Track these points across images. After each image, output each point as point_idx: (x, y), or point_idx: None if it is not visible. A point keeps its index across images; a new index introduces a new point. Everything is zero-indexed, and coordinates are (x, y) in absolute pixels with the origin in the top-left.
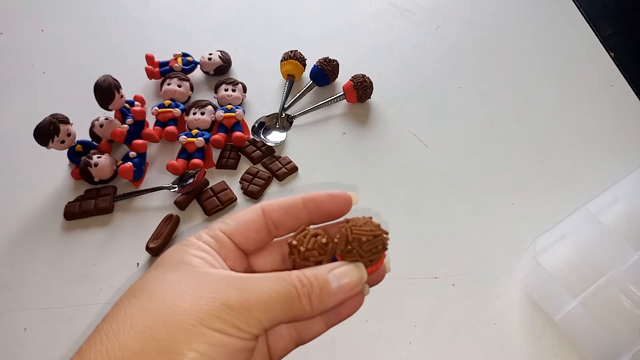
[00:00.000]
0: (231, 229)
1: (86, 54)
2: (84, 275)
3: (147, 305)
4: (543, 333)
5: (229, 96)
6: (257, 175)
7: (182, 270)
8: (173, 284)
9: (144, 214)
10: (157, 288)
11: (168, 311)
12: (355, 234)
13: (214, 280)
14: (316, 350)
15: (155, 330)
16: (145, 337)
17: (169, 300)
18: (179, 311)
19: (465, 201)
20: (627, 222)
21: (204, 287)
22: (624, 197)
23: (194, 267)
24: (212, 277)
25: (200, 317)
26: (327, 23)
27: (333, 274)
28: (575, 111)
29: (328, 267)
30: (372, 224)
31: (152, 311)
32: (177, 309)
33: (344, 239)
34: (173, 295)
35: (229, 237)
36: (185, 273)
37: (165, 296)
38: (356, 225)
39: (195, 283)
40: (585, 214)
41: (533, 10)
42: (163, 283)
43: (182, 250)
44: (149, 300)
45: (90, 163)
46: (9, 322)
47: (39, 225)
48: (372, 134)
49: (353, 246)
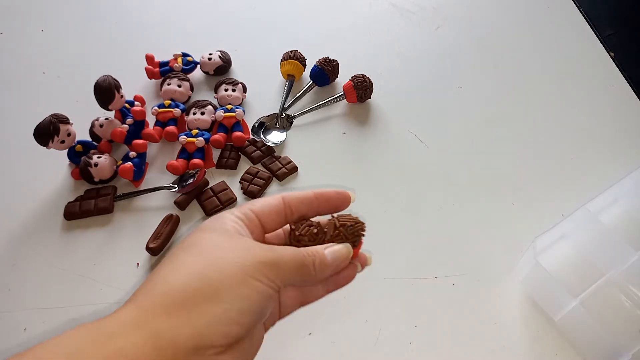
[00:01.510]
0: (258, 209)
1: (86, 54)
2: (84, 275)
3: (200, 256)
4: (543, 333)
5: (229, 96)
6: (257, 175)
7: (223, 233)
8: (218, 242)
9: (144, 214)
10: (206, 244)
11: (219, 261)
12: (342, 222)
13: (250, 243)
14: (316, 350)
15: (210, 275)
16: (202, 279)
17: (218, 254)
18: (228, 262)
19: (465, 201)
20: (627, 222)
21: (244, 247)
22: (624, 197)
23: (232, 233)
24: (247, 241)
25: (245, 268)
26: (327, 23)
27: (328, 250)
28: (575, 111)
29: (324, 246)
30: (353, 216)
31: (205, 260)
32: (225, 260)
33: (333, 226)
34: (221, 250)
35: (256, 216)
36: (226, 236)
37: (214, 251)
38: (342, 217)
39: (235, 244)
40: (585, 214)
41: (533, 10)
42: (210, 241)
43: (220, 221)
44: (200, 253)
45: (90, 163)
46: (9, 322)
47: (39, 225)
48: (372, 134)
49: (340, 230)
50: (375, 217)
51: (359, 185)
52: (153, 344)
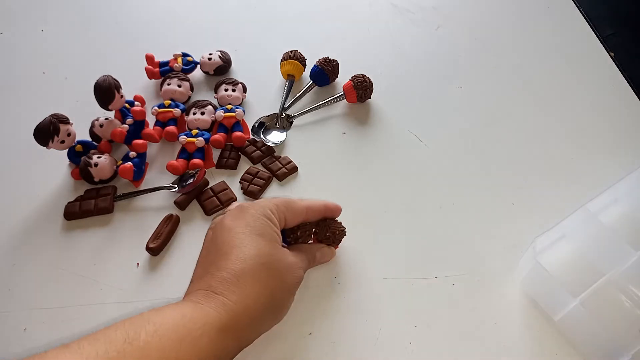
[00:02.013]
0: (290, 219)
1: (86, 54)
2: (84, 275)
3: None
4: (543, 333)
5: (229, 96)
6: (257, 175)
7: (279, 249)
8: (281, 265)
9: (144, 214)
10: (277, 266)
11: (282, 283)
12: (332, 229)
13: (294, 263)
14: (316, 350)
15: (278, 296)
16: (273, 297)
17: (282, 282)
18: (288, 287)
19: (465, 201)
20: (627, 222)
21: (291, 267)
22: (624, 197)
23: (282, 250)
24: (292, 260)
25: (291, 288)
26: (327, 23)
27: (320, 252)
28: (575, 111)
29: (317, 247)
30: (339, 223)
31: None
32: (287, 286)
33: (324, 231)
34: (283, 276)
35: (285, 221)
36: (280, 253)
37: (281, 276)
38: (332, 224)
39: (287, 264)
40: (585, 214)
41: (533, 10)
42: (278, 262)
43: (272, 227)
44: (274, 277)
45: (90, 163)
46: (9, 322)
47: (39, 225)
48: (372, 134)
49: (329, 236)
50: (375, 217)
51: (359, 185)
52: None
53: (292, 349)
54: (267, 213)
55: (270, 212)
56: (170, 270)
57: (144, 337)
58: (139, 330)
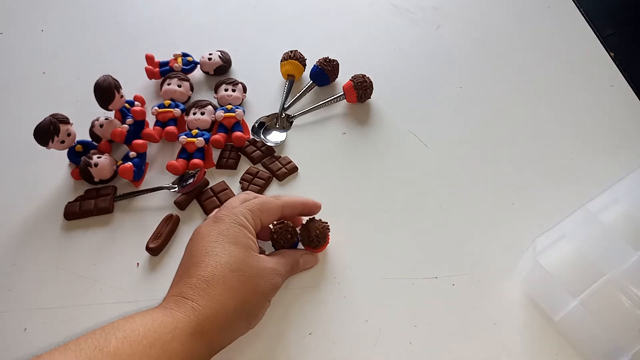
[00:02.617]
0: (265, 220)
1: (86, 54)
2: (84, 275)
3: (244, 286)
4: (543, 333)
5: (229, 96)
6: (257, 175)
7: (253, 256)
8: (253, 271)
9: (144, 214)
10: (248, 272)
11: (255, 289)
12: (312, 231)
13: (269, 269)
14: (316, 350)
15: (250, 302)
16: (244, 303)
17: (255, 286)
18: (260, 294)
19: (465, 201)
20: (627, 222)
21: (266, 273)
22: (624, 197)
23: (254, 253)
24: (268, 267)
25: (266, 295)
26: (327, 23)
27: (302, 259)
28: (575, 111)
29: (300, 253)
30: (322, 223)
31: (246, 290)
32: (259, 292)
33: (306, 234)
34: (256, 281)
35: (261, 224)
36: (253, 258)
37: (253, 281)
38: (313, 225)
39: (261, 271)
40: (585, 214)
41: (533, 10)
42: (250, 268)
43: (245, 234)
44: (245, 283)
45: (90, 163)
46: (9, 322)
47: (39, 225)
48: (372, 134)
49: (312, 238)
50: (375, 216)
51: (359, 185)
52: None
53: (292, 349)
54: (240, 220)
55: (244, 219)
56: (170, 270)
57: (114, 343)
58: (109, 337)
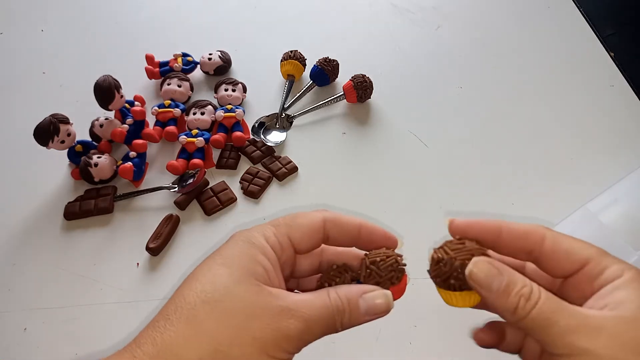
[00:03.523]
0: (297, 239)
1: (86, 54)
2: (84, 275)
3: (223, 326)
4: None
5: (229, 96)
6: (257, 175)
7: (250, 284)
8: (243, 305)
9: (144, 214)
10: (232, 307)
11: (241, 333)
12: (371, 258)
13: (277, 307)
14: (316, 350)
15: (227, 353)
16: (218, 354)
17: (241, 323)
18: (249, 339)
19: (465, 201)
20: (627, 222)
21: (269, 314)
22: (624, 197)
23: (259, 287)
24: (274, 303)
25: (265, 346)
26: (327, 23)
27: (363, 299)
28: (575, 111)
29: (361, 289)
30: (387, 250)
31: (226, 332)
32: (247, 335)
33: (364, 265)
34: (244, 319)
35: (291, 244)
36: (253, 293)
37: (237, 319)
38: (373, 253)
39: (261, 309)
40: (585, 214)
41: (533, 10)
42: (236, 302)
43: (252, 254)
44: (223, 320)
45: (90, 163)
46: (9, 322)
47: (39, 225)
48: (372, 134)
49: (371, 269)
50: (375, 216)
51: (359, 185)
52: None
53: None
54: (252, 237)
55: (259, 235)
56: (170, 270)
57: None
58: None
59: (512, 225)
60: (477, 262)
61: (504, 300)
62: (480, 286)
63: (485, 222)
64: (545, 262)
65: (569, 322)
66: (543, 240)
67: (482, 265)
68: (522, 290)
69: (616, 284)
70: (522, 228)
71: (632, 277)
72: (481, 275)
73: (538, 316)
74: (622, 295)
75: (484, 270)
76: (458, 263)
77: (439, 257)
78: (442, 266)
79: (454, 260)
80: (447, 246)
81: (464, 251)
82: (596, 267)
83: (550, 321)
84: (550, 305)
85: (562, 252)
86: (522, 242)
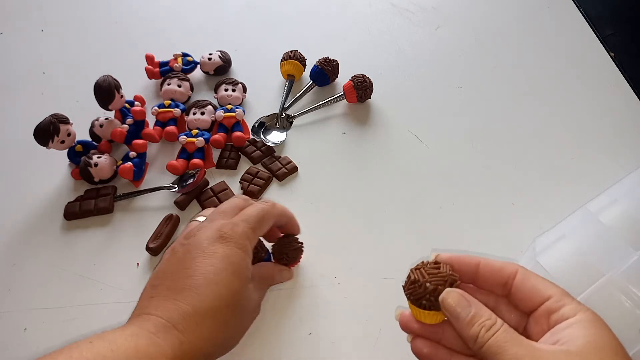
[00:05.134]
0: (263, 233)
1: (86, 54)
2: (84, 275)
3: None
4: None
5: (229, 96)
6: (257, 175)
7: (247, 288)
8: (243, 299)
9: (144, 214)
10: (239, 304)
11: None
12: (288, 249)
13: (254, 293)
14: (316, 350)
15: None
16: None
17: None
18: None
19: (465, 201)
20: (627, 222)
21: (253, 304)
22: (624, 197)
23: (248, 285)
24: (253, 292)
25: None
26: (327, 23)
27: (280, 274)
28: (575, 111)
29: (277, 269)
30: (297, 244)
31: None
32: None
33: (281, 252)
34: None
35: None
36: (248, 292)
37: (240, 308)
38: (290, 243)
39: (250, 298)
40: (585, 214)
41: (533, 10)
42: (241, 299)
43: (246, 264)
44: (237, 316)
45: (90, 163)
46: (9, 322)
47: (39, 225)
48: (372, 134)
49: (284, 256)
50: (375, 217)
51: (359, 185)
52: None
53: (292, 349)
54: (244, 245)
55: (248, 243)
56: None
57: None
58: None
59: (489, 262)
60: (451, 292)
61: (468, 328)
62: (450, 314)
63: (466, 258)
64: (513, 294)
65: (517, 351)
66: (515, 276)
67: (454, 295)
68: (485, 321)
69: (570, 322)
70: (497, 264)
71: (585, 317)
72: (453, 304)
73: (493, 344)
74: (573, 332)
75: (455, 300)
76: (431, 288)
77: (415, 279)
78: (416, 287)
79: (428, 284)
80: (423, 269)
81: (438, 276)
82: (555, 304)
83: (502, 349)
84: (505, 336)
85: (528, 287)
86: (497, 276)
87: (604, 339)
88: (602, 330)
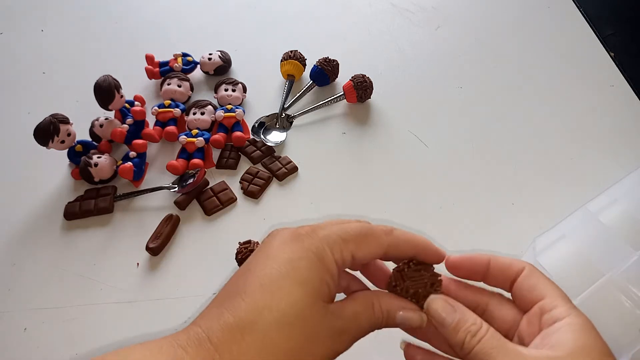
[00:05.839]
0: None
1: (86, 54)
2: (84, 275)
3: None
4: None
5: (229, 96)
6: (257, 175)
7: (319, 307)
8: (312, 321)
9: (144, 214)
10: (302, 326)
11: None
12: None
13: (335, 329)
14: None
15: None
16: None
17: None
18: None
19: (465, 201)
20: (627, 222)
21: (329, 333)
22: (624, 197)
23: (324, 308)
24: (334, 324)
25: None
26: (327, 23)
27: (401, 315)
28: (575, 111)
29: (400, 305)
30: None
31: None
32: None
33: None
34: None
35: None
36: (321, 313)
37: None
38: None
39: (326, 325)
40: (585, 214)
41: (533, 10)
42: (306, 320)
43: (321, 276)
44: (294, 335)
45: (90, 163)
46: (9, 322)
47: (39, 225)
48: (372, 134)
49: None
50: (375, 217)
51: (359, 185)
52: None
53: None
54: (322, 251)
55: (328, 250)
56: (170, 270)
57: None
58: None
59: (499, 259)
60: (435, 299)
61: (454, 335)
62: (436, 320)
63: (476, 257)
64: (514, 292)
65: (504, 358)
66: (521, 273)
67: (439, 302)
68: (470, 327)
69: (559, 325)
70: (507, 261)
71: (576, 321)
72: (438, 310)
73: (480, 351)
74: (562, 336)
75: (440, 306)
76: (412, 292)
77: (396, 283)
78: (398, 290)
79: (408, 288)
80: (405, 271)
81: (419, 281)
82: (548, 304)
83: (489, 356)
84: (492, 342)
85: (527, 285)
86: (506, 273)
87: (591, 343)
88: (591, 335)
